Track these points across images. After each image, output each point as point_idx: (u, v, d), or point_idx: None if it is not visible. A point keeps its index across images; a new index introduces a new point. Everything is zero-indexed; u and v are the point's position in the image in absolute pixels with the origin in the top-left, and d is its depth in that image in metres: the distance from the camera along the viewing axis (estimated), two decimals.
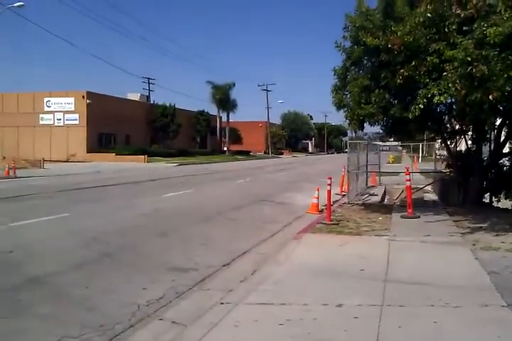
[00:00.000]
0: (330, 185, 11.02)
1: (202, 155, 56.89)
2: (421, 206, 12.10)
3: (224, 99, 65.32)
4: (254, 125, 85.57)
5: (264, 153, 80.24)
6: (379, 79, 9.47)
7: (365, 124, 10.82)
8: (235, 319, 4.63)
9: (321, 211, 12.45)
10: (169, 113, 56.47)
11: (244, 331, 4.35)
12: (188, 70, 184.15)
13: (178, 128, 56.83)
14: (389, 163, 39.75)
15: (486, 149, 11.76)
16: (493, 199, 11.84)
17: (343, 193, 16.22)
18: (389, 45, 8.68)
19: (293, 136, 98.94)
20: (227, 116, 69.04)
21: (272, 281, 5.89)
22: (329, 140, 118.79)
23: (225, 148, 67.93)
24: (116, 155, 43.18)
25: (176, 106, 58.15)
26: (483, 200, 11.88)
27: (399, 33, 8.55)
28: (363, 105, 9.77)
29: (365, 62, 10.26)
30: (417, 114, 8.48)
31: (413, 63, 8.60)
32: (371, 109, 9.60)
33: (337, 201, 14.52)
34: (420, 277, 5.85)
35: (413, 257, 7.00)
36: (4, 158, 26.40)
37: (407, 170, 11.59)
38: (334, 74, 10.73)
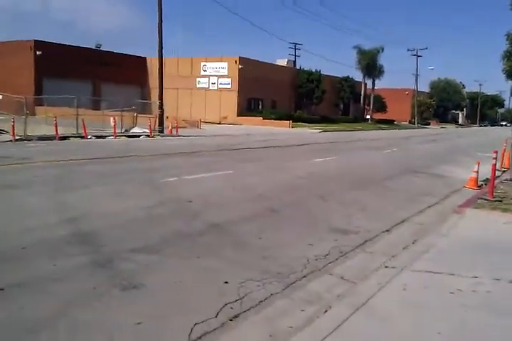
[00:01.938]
0: (495, 158, 10.34)
1: (344, 122, 56.23)
2: None
3: (370, 65, 63.19)
4: (400, 92, 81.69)
5: (410, 122, 76.54)
6: None
7: None
8: (403, 283, 4.74)
9: (480, 186, 11.78)
10: (314, 78, 56.42)
11: (413, 295, 4.46)
12: (336, 35, 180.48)
13: (322, 95, 56.69)
14: None
15: None
16: None
17: (503, 169, 15.07)
18: None
19: (442, 105, 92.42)
20: (373, 83, 66.84)
21: (436, 251, 5.85)
22: (482, 111, 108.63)
23: (368, 116, 66.21)
24: (263, 119, 44.77)
25: (321, 72, 57.81)
26: None
27: None
28: None
29: None
30: None
31: None
32: None
33: (498, 177, 13.55)
34: None
35: None
36: (167, 117, 29.09)
37: None
38: (507, 40, 9.82)
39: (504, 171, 14.63)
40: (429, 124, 78.01)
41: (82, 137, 21.70)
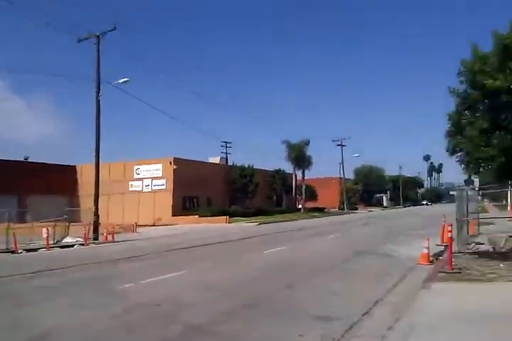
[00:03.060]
0: (450, 231, 10.98)
1: (278, 213, 57.07)
2: None
3: (299, 157, 66.13)
4: (327, 181, 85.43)
5: (339, 208, 79.17)
6: (498, 122, 9.57)
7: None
8: None
9: (431, 262, 12.19)
10: (248, 173, 57.97)
11: None
12: (264, 132, 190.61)
13: (256, 188, 58.00)
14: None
15: None
16: None
17: (444, 244, 15.76)
18: (511, 86, 8.81)
19: (367, 190, 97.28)
20: (303, 174, 69.52)
21: (421, 328, 5.87)
22: (404, 192, 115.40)
23: (300, 206, 67.89)
24: (199, 217, 44.52)
25: (253, 166, 59.78)
26: None
27: None
28: (482, 148, 9.84)
29: (480, 105, 10.45)
30: None
31: None
32: (492, 151, 9.64)
33: (442, 252, 14.17)
34: None
35: None
36: (100, 224, 28.16)
37: None
38: (448, 120, 10.97)
39: (446, 246, 15.27)
40: (357, 209, 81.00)
41: (13, 252, 20.31)
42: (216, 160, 60.67)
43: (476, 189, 24.94)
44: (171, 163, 47.19)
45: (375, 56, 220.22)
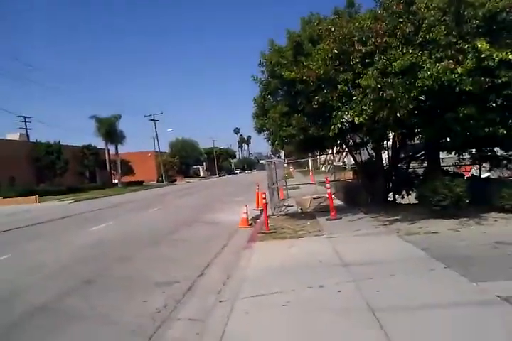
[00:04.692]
0: (265, 198, 12.27)
1: (93, 189, 55.00)
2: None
3: (110, 132, 64.01)
4: (143, 155, 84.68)
5: (158, 181, 79.59)
6: (295, 106, 11.02)
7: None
8: (242, 309, 5.46)
9: (251, 225, 13.55)
10: (54, 150, 54.18)
11: (256, 314, 5.21)
12: (72, 104, 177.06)
13: (65, 165, 54.67)
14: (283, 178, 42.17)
15: (385, 156, 13.82)
16: (397, 197, 13.85)
17: (260, 208, 17.44)
18: (304, 77, 10.19)
19: (183, 162, 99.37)
20: (116, 148, 67.63)
21: (249, 280, 6.78)
22: (219, 163, 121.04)
23: (117, 181, 66.34)
24: (4, 198, 40.41)
25: (61, 143, 55.99)
26: (388, 199, 13.84)
27: (313, 67, 10.08)
28: (284, 128, 11.22)
29: (280, 92, 11.79)
30: (336, 132, 10.15)
31: (325, 91, 10.22)
32: (292, 130, 11.07)
33: (259, 215, 15.73)
34: (370, 258, 7.19)
35: (355, 246, 8.38)
36: None
37: (327, 179, 13.24)
38: (254, 103, 12.17)
39: (261, 210, 16.94)
40: (175, 181, 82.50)
41: None
42: (15, 136, 55.17)
43: (282, 160, 27.83)
44: None
45: None
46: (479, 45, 8.58)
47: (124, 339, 4.90)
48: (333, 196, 19.89)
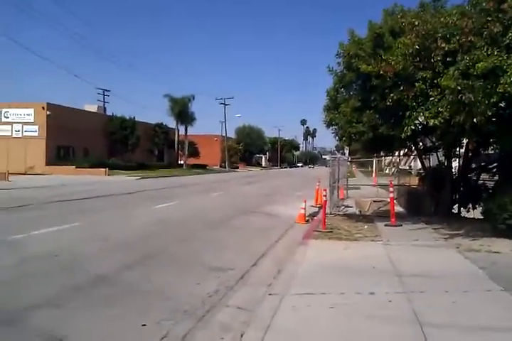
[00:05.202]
0: (325, 196, 12.29)
1: (160, 168, 56.92)
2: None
3: (182, 112, 65.77)
4: (210, 138, 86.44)
5: (220, 166, 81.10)
6: (368, 101, 10.73)
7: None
8: (290, 305, 5.60)
9: (307, 221, 13.63)
10: (128, 125, 56.34)
11: (303, 312, 5.34)
12: (149, 83, 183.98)
13: (137, 141, 56.81)
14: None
15: (455, 164, 13.34)
16: (462, 209, 13.38)
17: (318, 205, 17.45)
18: (381, 72, 9.92)
19: (247, 150, 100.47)
20: (185, 130, 69.46)
21: (301, 277, 6.91)
22: (282, 154, 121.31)
23: (182, 162, 68.20)
24: (76, 168, 42.80)
25: (135, 119, 58.15)
26: (453, 211, 13.40)
27: (392, 62, 9.76)
28: (354, 124, 11.06)
29: (354, 85, 11.57)
30: (409, 133, 9.81)
31: (401, 88, 9.84)
32: (362, 127, 10.89)
33: (316, 212, 15.78)
34: (425, 271, 7.06)
35: (412, 257, 8.24)
36: None
37: (391, 183, 13.04)
38: (327, 96, 12.05)
39: (320, 207, 16.95)
40: (237, 168, 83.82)
41: None
42: (93, 108, 57.58)
43: (346, 157, 27.53)
44: (43, 108, 44.04)
45: None
46: None
47: (177, 316, 5.18)
48: (394, 201, 19.73)
